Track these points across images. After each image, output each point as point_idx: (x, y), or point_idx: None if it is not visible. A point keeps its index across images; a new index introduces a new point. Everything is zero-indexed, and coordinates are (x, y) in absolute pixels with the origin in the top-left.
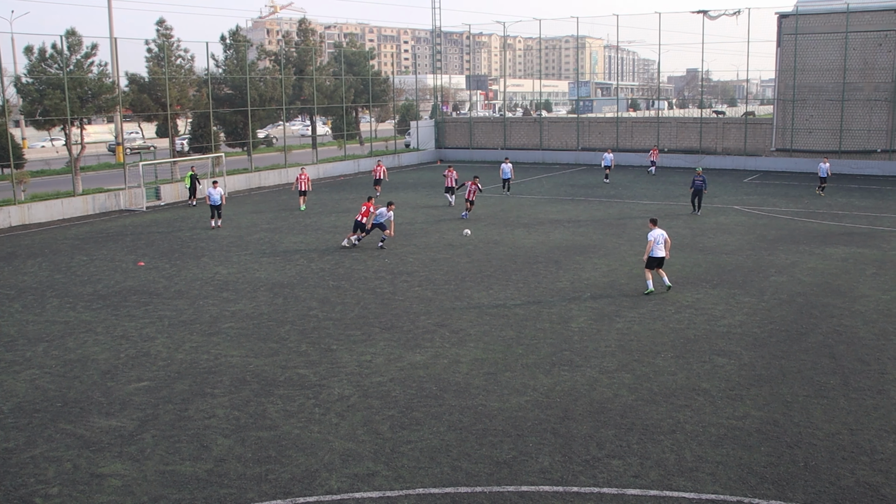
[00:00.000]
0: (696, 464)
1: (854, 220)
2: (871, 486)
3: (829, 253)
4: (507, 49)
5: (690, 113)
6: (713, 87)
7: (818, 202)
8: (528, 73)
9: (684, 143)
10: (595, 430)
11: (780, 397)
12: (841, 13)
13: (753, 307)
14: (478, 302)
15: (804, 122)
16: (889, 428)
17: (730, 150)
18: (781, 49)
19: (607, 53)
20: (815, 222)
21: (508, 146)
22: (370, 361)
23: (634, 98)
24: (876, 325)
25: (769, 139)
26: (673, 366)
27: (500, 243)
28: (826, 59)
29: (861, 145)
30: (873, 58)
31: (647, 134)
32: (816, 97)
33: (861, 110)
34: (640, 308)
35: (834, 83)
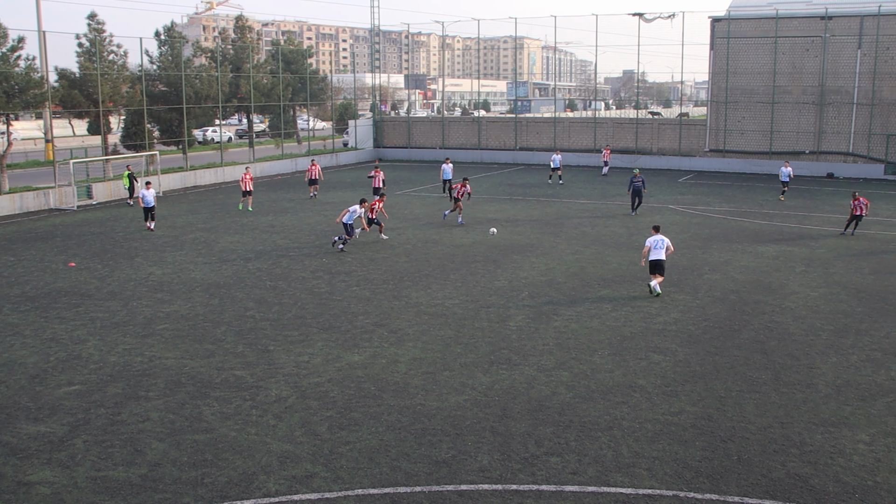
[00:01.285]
0: (632, 459)
1: (784, 219)
2: (801, 478)
3: (761, 251)
4: (446, 49)
5: (627, 114)
6: (649, 89)
7: (753, 200)
8: (467, 73)
9: (620, 143)
10: (533, 427)
11: (713, 393)
12: (770, 18)
13: (688, 305)
14: (416, 301)
15: (736, 123)
16: (818, 421)
17: (665, 150)
18: (714, 52)
19: (545, 54)
20: (747, 221)
21: (447, 146)
22: (308, 362)
23: (572, 98)
24: (805, 321)
25: (703, 140)
26: (610, 363)
27: (439, 242)
28: (757, 63)
29: (790, 146)
30: (801, 62)
31: (584, 134)
32: (748, 99)
33: (790, 113)
34: (577, 306)
35: (764, 86)
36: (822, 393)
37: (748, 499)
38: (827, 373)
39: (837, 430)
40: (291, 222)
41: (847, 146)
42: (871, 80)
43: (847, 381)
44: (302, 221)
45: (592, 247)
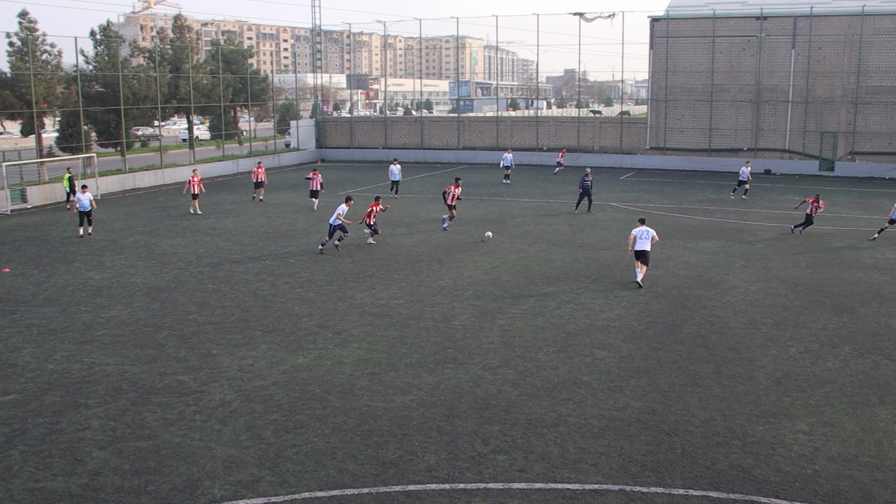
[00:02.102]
0: (579, 455)
1: (724, 214)
2: (744, 469)
3: (702, 247)
4: (388, 48)
5: (568, 112)
6: (590, 88)
7: (693, 197)
8: (409, 73)
9: (563, 141)
10: (480, 426)
11: (657, 387)
12: (708, 18)
13: (631, 301)
14: (360, 302)
15: (676, 121)
16: (759, 412)
17: (606, 148)
18: (654, 51)
19: (487, 53)
20: (688, 218)
21: (390, 146)
22: (252, 365)
23: (514, 97)
24: (745, 314)
25: (644, 138)
26: (555, 360)
27: (382, 243)
28: (695, 62)
29: (729, 144)
30: (738, 61)
31: (526, 133)
32: (687, 98)
33: (728, 111)
34: (521, 304)
35: (703, 85)
36: (762, 385)
37: (692, 491)
38: (767, 365)
39: (778, 421)
40: (234, 224)
41: (783, 143)
42: (805, 79)
43: (786, 373)
44: (244, 224)
45: (536, 245)
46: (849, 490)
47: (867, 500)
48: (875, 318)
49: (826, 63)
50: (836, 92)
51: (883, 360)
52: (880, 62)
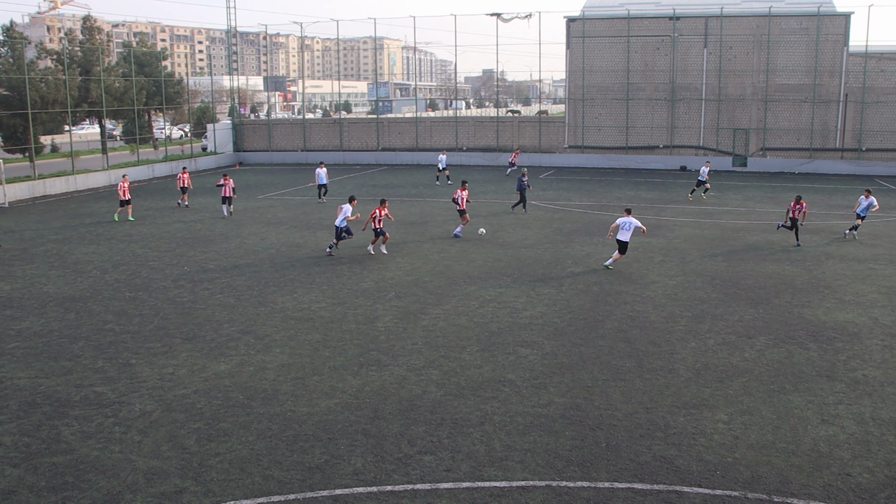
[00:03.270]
0: (505, 453)
1: (641, 211)
2: (667, 459)
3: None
4: (306, 50)
5: (487, 112)
6: (508, 88)
7: (611, 194)
8: (327, 74)
9: (482, 141)
10: (406, 427)
11: (581, 383)
12: (623, 18)
13: (553, 298)
14: (282, 306)
15: (594, 120)
16: (680, 404)
17: (525, 147)
18: (570, 51)
19: (405, 54)
20: (607, 215)
21: (308, 148)
22: (172, 374)
23: (433, 98)
24: (665, 308)
25: (562, 137)
26: (479, 359)
27: (303, 246)
28: (611, 61)
29: (645, 141)
30: (653, 61)
31: (445, 133)
32: (604, 96)
33: (644, 109)
34: (444, 304)
35: (619, 84)
36: (682, 377)
37: (617, 483)
38: (687, 357)
39: (698, 412)
40: (150, 231)
41: (698, 140)
42: (717, 78)
43: (705, 365)
44: (161, 230)
45: (457, 245)
46: (767, 476)
47: (784, 484)
48: (788, 309)
49: (737, 62)
50: (746, 90)
51: (797, 349)
52: (787, 61)
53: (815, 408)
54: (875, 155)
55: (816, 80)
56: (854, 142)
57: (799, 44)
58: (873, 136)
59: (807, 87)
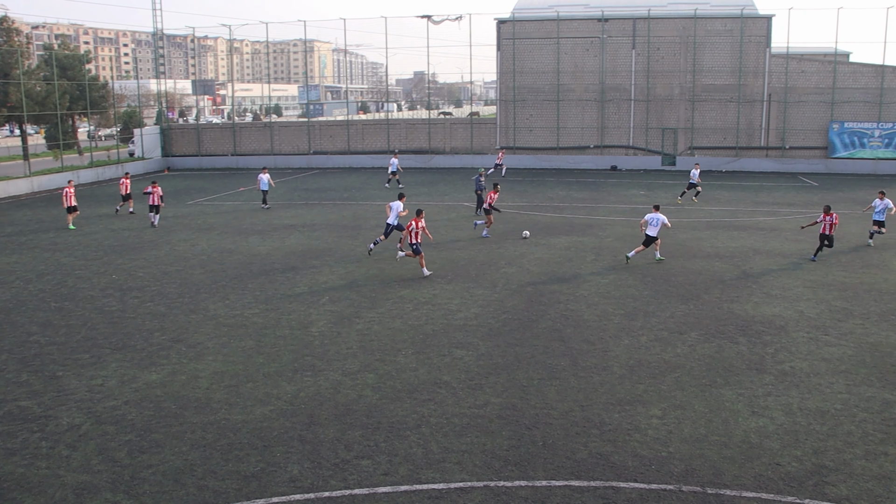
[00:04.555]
0: (442, 455)
1: (573, 211)
2: (603, 456)
3: (553, 243)
4: (235, 53)
5: (419, 114)
6: (440, 89)
7: (543, 195)
8: (257, 77)
9: (414, 143)
10: (342, 432)
11: (516, 382)
12: (552, 20)
13: (487, 299)
14: (214, 313)
15: (525, 121)
16: (614, 401)
17: (458, 149)
18: (501, 53)
19: (336, 57)
20: (539, 215)
21: (239, 152)
22: (101, 385)
23: (364, 101)
24: (598, 307)
25: (494, 138)
26: (414, 362)
27: (235, 252)
28: (542, 63)
29: (576, 142)
30: (582, 62)
31: (377, 136)
32: (535, 97)
33: (574, 109)
34: (378, 308)
35: (550, 85)
36: (616, 374)
37: (555, 481)
38: (620, 355)
39: (633, 408)
40: (77, 239)
41: (628, 140)
42: (646, 78)
43: (639, 361)
44: (88, 238)
45: (390, 248)
46: (701, 469)
47: (717, 476)
48: (718, 304)
49: (664, 63)
50: (674, 90)
51: (727, 343)
52: (713, 62)
53: (745, 400)
54: (798, 153)
55: (741, 81)
56: (778, 140)
57: (723, 45)
58: (796, 135)
59: (732, 88)
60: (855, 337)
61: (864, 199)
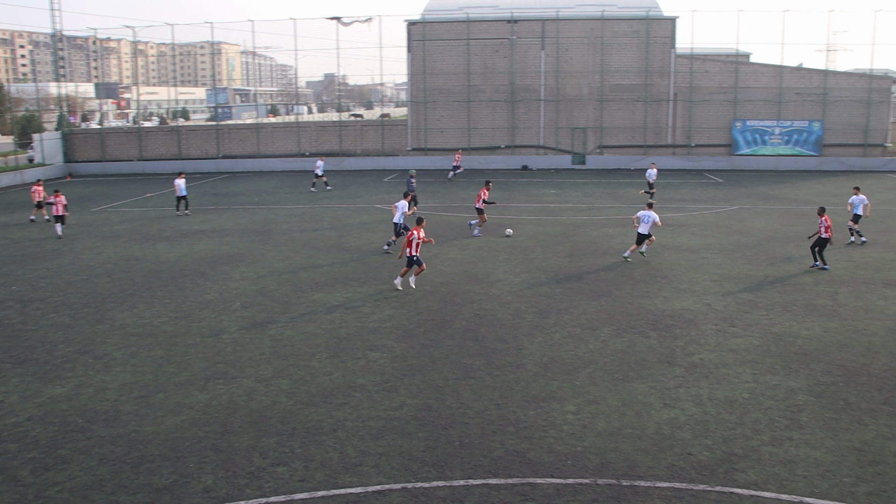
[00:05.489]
0: (359, 458)
1: (487, 211)
2: (519, 453)
3: (466, 243)
4: (139, 55)
5: (330, 117)
6: (351, 91)
7: (455, 195)
8: (163, 80)
9: (325, 146)
10: (257, 440)
11: (432, 383)
12: (462, 22)
13: (401, 300)
14: (122, 323)
15: (436, 122)
16: (529, 398)
17: (369, 151)
18: (412, 54)
19: (244, 59)
20: (451, 215)
21: (145, 157)
22: (2, 401)
23: (274, 104)
24: (511, 305)
25: (405, 139)
26: (329, 366)
27: (142, 259)
28: (452, 64)
29: (487, 142)
30: (493, 63)
31: (288, 139)
32: (446, 99)
33: (485, 110)
34: (291, 312)
35: (460, 86)
36: (531, 371)
37: (472, 480)
38: (534, 352)
39: (548, 405)
40: None
41: (538, 139)
42: (555, 79)
43: (552, 358)
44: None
45: (303, 252)
46: (615, 462)
47: (632, 468)
48: (629, 300)
49: (573, 63)
50: (583, 90)
51: (638, 337)
52: (620, 62)
53: (657, 393)
54: (703, 150)
55: (648, 81)
56: (684, 138)
57: (630, 46)
58: (701, 133)
59: (639, 87)
60: (760, 328)
61: (767, 195)
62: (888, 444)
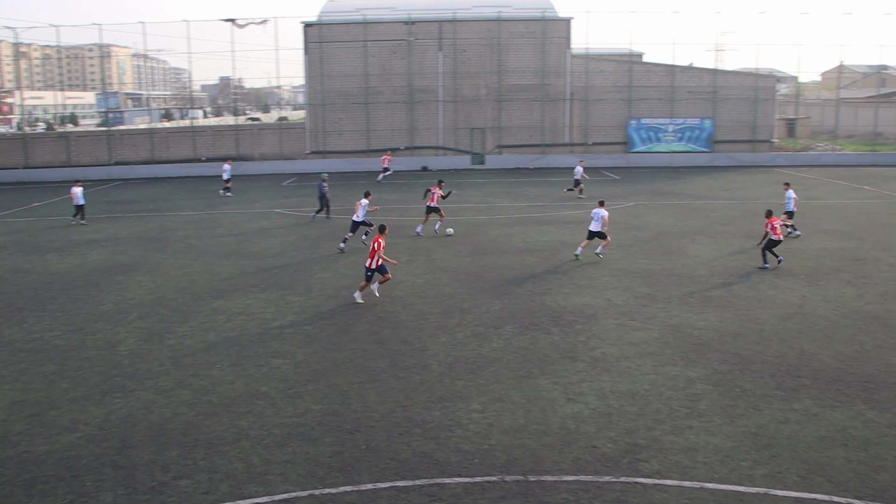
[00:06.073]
0: (264, 467)
1: (385, 213)
2: (426, 454)
3: (368, 245)
4: (22, 58)
5: (226, 121)
6: (247, 95)
7: (355, 198)
8: (49, 84)
9: (222, 150)
10: (158, 454)
11: (336, 388)
12: (360, 23)
13: (303, 305)
14: (10, 339)
15: (334, 124)
16: (434, 399)
17: (267, 155)
18: (309, 56)
19: (136, 62)
20: (349, 220)
21: (31, 165)
22: None
23: (168, 108)
24: (414, 307)
25: (304, 142)
26: (230, 374)
27: (31, 271)
28: (350, 66)
29: (386, 144)
30: (390, 64)
31: (183, 144)
32: (344, 101)
33: (384, 112)
34: (190, 321)
35: (358, 88)
36: (435, 372)
37: (380, 484)
38: (438, 353)
39: (453, 404)
40: None
41: (437, 140)
42: (453, 80)
43: (457, 358)
44: None
45: (201, 258)
46: (522, 458)
47: (538, 463)
48: (531, 297)
49: (471, 64)
50: (481, 91)
51: (540, 334)
52: (517, 63)
53: (560, 388)
54: (600, 148)
55: (545, 81)
56: (581, 137)
57: (527, 46)
58: (597, 131)
59: (536, 87)
60: (659, 320)
61: (662, 191)
62: (781, 428)
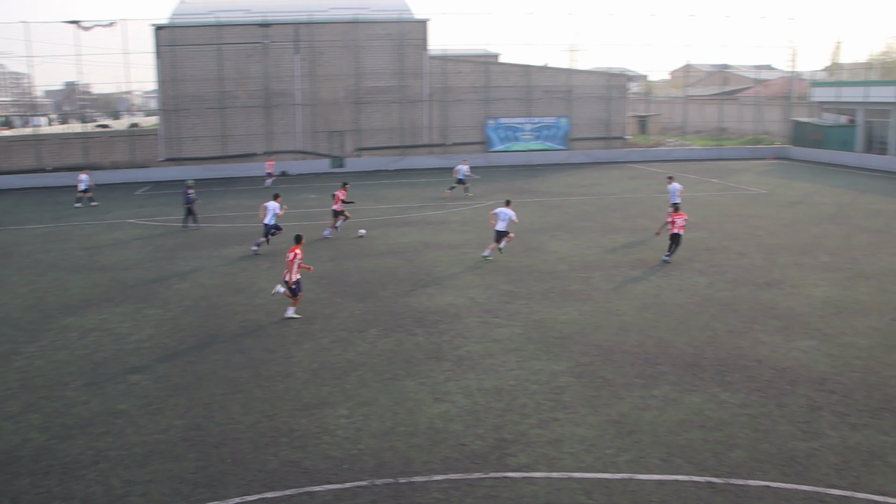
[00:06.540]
0: (125, 489)
1: (245, 220)
2: (294, 463)
3: (227, 254)
4: None
5: (73, 128)
6: (95, 101)
7: (212, 205)
8: None
9: (69, 159)
10: (6, 484)
11: (199, 401)
12: (213, 26)
13: (161, 318)
14: None
15: (189, 130)
16: (301, 406)
17: (118, 163)
18: (160, 60)
19: None
20: (210, 226)
21: None
22: None
23: (7, 115)
24: (276, 314)
25: (157, 149)
26: (85, 394)
27: None
28: (204, 70)
29: (243, 149)
30: (246, 68)
31: (25, 153)
32: (199, 106)
33: (240, 116)
34: (40, 340)
35: (213, 92)
36: (301, 379)
37: (248, 496)
38: (303, 360)
39: (320, 411)
40: None
41: (295, 144)
42: (311, 83)
43: (322, 364)
44: None
45: (50, 274)
46: (391, 460)
47: (408, 465)
48: (394, 299)
49: (328, 67)
50: (339, 93)
51: (405, 336)
52: (375, 65)
53: (427, 388)
54: (459, 148)
55: (403, 82)
56: (440, 137)
57: (385, 48)
58: (456, 132)
59: (395, 89)
60: (521, 316)
61: (521, 188)
62: (642, 415)
